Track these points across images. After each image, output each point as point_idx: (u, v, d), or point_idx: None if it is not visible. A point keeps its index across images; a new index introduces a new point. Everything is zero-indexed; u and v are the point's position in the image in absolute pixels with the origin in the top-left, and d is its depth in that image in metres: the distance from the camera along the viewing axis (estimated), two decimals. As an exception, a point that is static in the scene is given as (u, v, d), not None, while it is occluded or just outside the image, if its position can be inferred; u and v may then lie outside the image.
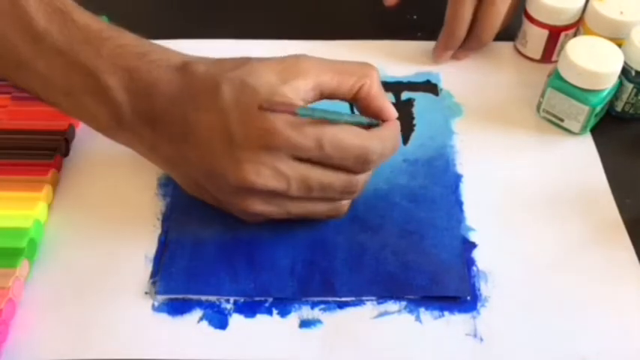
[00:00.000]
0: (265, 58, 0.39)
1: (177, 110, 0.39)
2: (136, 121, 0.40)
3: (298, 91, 0.38)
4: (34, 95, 0.42)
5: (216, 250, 0.42)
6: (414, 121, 0.51)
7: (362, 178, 0.41)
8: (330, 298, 0.41)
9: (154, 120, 0.40)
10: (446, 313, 0.41)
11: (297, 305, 0.41)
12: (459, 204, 0.46)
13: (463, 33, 0.54)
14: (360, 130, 0.39)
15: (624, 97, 0.51)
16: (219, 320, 0.40)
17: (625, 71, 0.50)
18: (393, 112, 0.41)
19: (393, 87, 0.53)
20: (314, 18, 0.59)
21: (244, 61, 0.39)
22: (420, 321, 0.40)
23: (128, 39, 0.41)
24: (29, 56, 0.40)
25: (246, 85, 0.38)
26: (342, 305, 0.41)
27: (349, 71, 0.40)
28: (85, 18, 0.40)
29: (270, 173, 0.38)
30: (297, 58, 0.40)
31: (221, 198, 0.41)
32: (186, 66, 0.39)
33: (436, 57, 0.56)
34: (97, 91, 0.40)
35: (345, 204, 0.43)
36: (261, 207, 0.40)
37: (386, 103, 0.41)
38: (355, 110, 0.43)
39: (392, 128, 0.41)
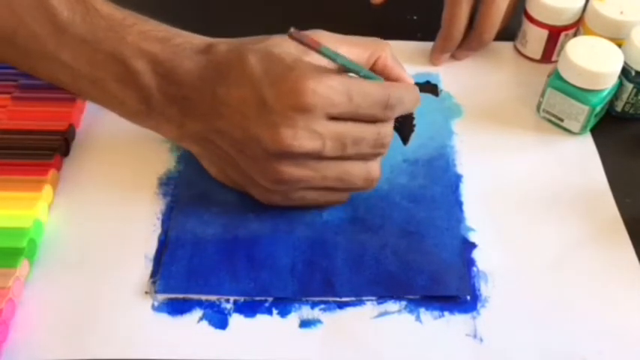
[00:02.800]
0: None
1: (205, 87, 0.39)
2: (165, 103, 0.41)
3: (320, 61, 0.40)
4: (60, 86, 0.43)
5: (216, 250, 0.42)
6: (414, 122, 0.51)
7: (388, 130, 0.41)
8: (330, 298, 0.41)
9: (183, 99, 0.40)
10: (446, 313, 0.41)
11: (297, 305, 0.41)
12: (459, 204, 0.46)
13: (460, 35, 0.54)
14: (379, 82, 0.41)
15: (624, 97, 0.51)
16: (219, 320, 0.40)
17: (625, 71, 0.50)
18: (411, 79, 0.43)
19: (393, 87, 0.53)
20: (314, 18, 0.59)
21: (265, 37, 0.40)
22: (420, 321, 0.40)
23: (151, 25, 0.41)
24: (54, 47, 0.40)
25: (271, 54, 0.39)
26: (342, 305, 0.41)
27: (364, 45, 0.42)
28: (107, 6, 0.41)
29: (306, 135, 0.38)
30: (314, 32, 0.41)
31: (251, 169, 0.41)
32: (209, 47, 0.40)
33: (434, 59, 0.56)
34: (124, 76, 0.40)
35: (376, 169, 0.42)
36: (295, 172, 0.40)
37: (403, 72, 0.43)
38: None
39: (410, 85, 0.43)
